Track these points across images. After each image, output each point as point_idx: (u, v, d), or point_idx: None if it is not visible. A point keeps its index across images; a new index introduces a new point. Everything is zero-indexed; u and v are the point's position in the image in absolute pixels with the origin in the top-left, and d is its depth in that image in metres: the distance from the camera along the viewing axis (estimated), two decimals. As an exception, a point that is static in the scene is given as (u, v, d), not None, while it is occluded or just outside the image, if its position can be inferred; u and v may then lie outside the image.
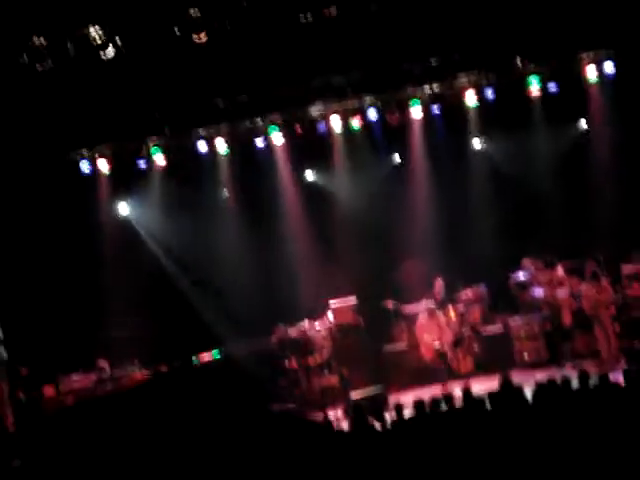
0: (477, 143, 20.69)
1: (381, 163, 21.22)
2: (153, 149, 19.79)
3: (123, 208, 20.79)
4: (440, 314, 19.01)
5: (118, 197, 20.65)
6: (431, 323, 18.92)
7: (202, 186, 20.79)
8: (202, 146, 19.84)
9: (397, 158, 21.32)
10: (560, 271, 18.89)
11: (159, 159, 19.92)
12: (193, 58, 18.05)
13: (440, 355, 18.75)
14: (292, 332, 19.41)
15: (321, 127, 19.75)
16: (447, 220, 20.79)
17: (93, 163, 19.67)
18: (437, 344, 18.75)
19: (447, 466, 9.26)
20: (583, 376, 12.62)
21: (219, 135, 19.85)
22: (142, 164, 19.92)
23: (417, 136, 20.57)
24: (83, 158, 19.60)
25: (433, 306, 19.09)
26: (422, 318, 19.05)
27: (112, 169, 19.79)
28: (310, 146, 20.23)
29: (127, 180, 20.22)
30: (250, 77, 18.69)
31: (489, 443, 9.61)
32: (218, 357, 18.69)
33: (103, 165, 19.72)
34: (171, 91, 18.76)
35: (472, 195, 21.03)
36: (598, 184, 19.87)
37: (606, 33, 18.26)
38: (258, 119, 19.79)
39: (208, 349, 18.96)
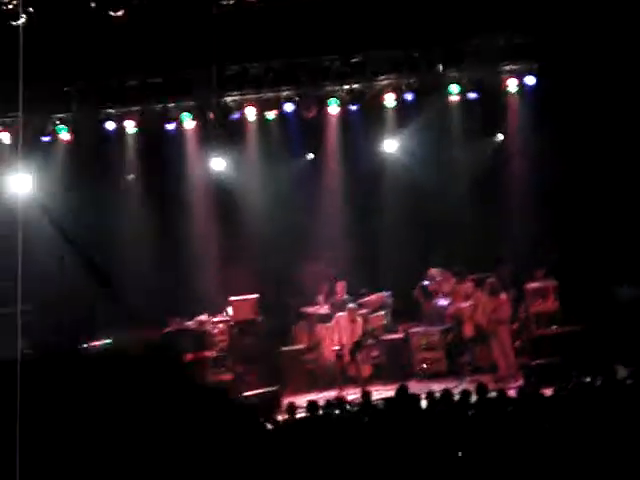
0: (392, 146, 20.41)
1: (294, 158, 20.88)
2: (59, 125, 19.29)
3: (24, 181, 20.16)
4: (342, 318, 18.77)
5: (20, 170, 20.00)
6: (334, 326, 18.70)
7: (107, 167, 20.25)
8: (110, 125, 19.34)
9: (310, 155, 21.02)
10: (469, 283, 18.77)
11: (64, 135, 19.41)
12: (108, 35, 17.68)
13: (339, 359, 18.52)
14: (189, 325, 19.02)
15: (235, 116, 19.41)
16: (356, 223, 20.57)
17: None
18: (337, 348, 18.53)
19: (335, 468, 9.15)
20: (481, 389, 12.50)
21: (128, 115, 19.36)
22: (47, 138, 19.44)
23: (333, 134, 20.31)
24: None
25: (337, 309, 18.89)
26: (328, 321, 18.82)
27: (15, 141, 19.17)
28: (221, 135, 19.81)
29: (30, 153, 19.59)
30: (165, 60, 18.33)
31: (380, 448, 9.47)
32: (108, 345, 18.12)
33: (5, 137, 19.25)
34: (82, 67, 18.29)
35: (384, 200, 20.83)
36: (512, 196, 19.82)
37: (530, 45, 18.26)
38: (171, 103, 19.33)
39: (98, 337, 18.40)
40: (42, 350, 14.84)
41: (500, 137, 20.38)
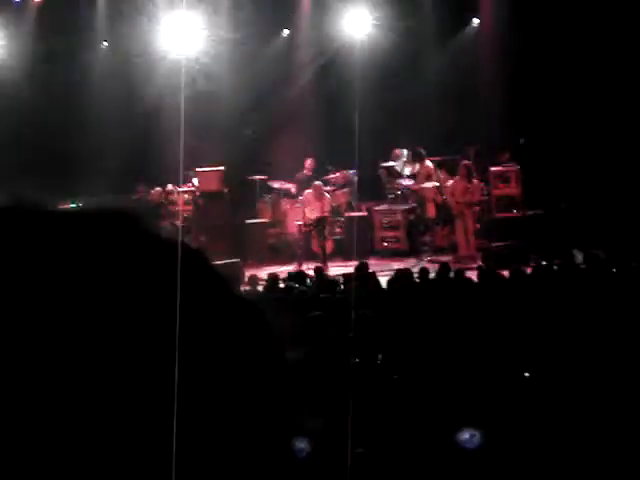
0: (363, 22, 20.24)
1: (261, 32, 20.56)
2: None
3: None
4: (308, 194, 18.86)
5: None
6: (300, 201, 18.81)
7: (78, 29, 19.96)
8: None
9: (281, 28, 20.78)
10: (429, 164, 18.90)
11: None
12: None
13: (302, 234, 18.67)
14: (154, 194, 19.03)
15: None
16: (325, 101, 20.51)
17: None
18: (301, 223, 18.65)
19: (289, 342, 9.24)
20: (443, 268, 12.75)
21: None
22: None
23: (306, 6, 20.13)
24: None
25: (304, 185, 18.97)
26: (294, 196, 18.97)
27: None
28: None
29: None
30: None
31: (338, 323, 9.58)
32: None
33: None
34: None
35: (355, 80, 20.70)
36: (482, 78, 19.82)
37: None
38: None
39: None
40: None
41: (474, 21, 20.29)
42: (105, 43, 20.45)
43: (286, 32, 20.85)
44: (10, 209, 0.97)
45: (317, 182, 18.75)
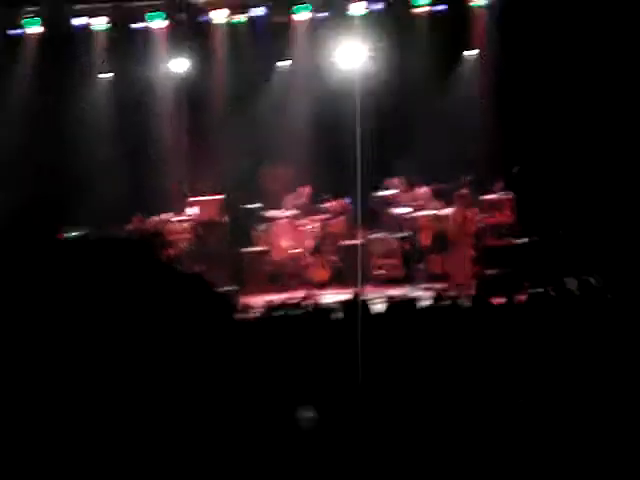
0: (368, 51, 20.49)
1: (261, 63, 20.82)
2: (27, 19, 19.12)
3: None
4: (302, 221, 19.01)
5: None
6: (290, 228, 18.92)
7: (75, 62, 20.11)
8: (79, 21, 19.23)
9: (279, 60, 20.99)
10: (425, 192, 19.06)
11: (33, 29, 19.26)
12: None
13: (297, 262, 18.78)
14: (151, 223, 19.14)
15: (204, 17, 19.35)
16: (322, 131, 20.67)
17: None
18: (294, 250, 18.77)
19: (283, 367, 9.31)
20: (437, 296, 12.87)
21: (98, 12, 19.21)
22: (15, 32, 19.28)
23: (302, 40, 20.31)
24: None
25: (294, 212, 19.09)
26: (281, 222, 19.06)
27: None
28: (190, 35, 19.79)
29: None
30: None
31: (332, 349, 9.68)
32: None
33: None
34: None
35: (350, 112, 20.90)
36: (475, 109, 20.01)
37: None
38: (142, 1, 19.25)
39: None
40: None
41: (469, 53, 20.45)
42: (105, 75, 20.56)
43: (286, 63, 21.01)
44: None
45: (310, 209, 18.87)
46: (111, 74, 20.60)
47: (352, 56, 20.27)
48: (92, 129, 20.35)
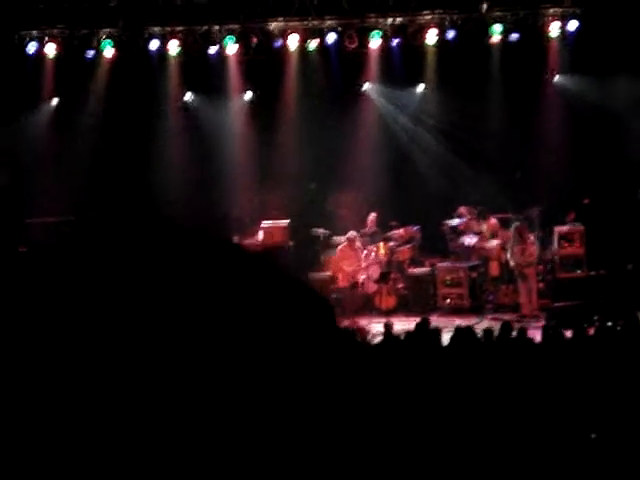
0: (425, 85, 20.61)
1: (334, 89, 20.88)
2: (104, 41, 19.33)
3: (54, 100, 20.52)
4: (370, 248, 18.96)
5: (62, 83, 20.18)
6: (352, 254, 18.89)
7: (149, 86, 20.33)
8: (154, 44, 19.40)
9: (358, 86, 21.03)
10: (494, 223, 18.96)
11: (108, 51, 19.48)
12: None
13: (365, 289, 18.73)
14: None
15: (277, 43, 19.45)
16: (393, 157, 20.68)
17: (41, 45, 19.25)
18: (358, 277, 18.73)
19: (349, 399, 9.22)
20: (505, 327, 12.73)
21: (173, 35, 19.42)
22: (90, 54, 19.50)
23: (373, 66, 20.39)
24: (32, 39, 19.18)
25: (357, 237, 19.07)
26: (348, 249, 19.05)
27: (59, 54, 19.39)
28: (263, 62, 19.95)
29: (74, 67, 19.72)
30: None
31: (400, 380, 9.60)
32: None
33: (50, 49, 19.30)
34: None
35: (419, 136, 20.96)
36: (550, 142, 19.91)
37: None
38: (215, 26, 19.37)
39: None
40: None
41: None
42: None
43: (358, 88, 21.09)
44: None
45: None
46: (186, 98, 20.86)
47: (424, 83, 20.38)
48: (168, 151, 20.58)
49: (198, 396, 1.01)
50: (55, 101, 20.64)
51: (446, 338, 12.49)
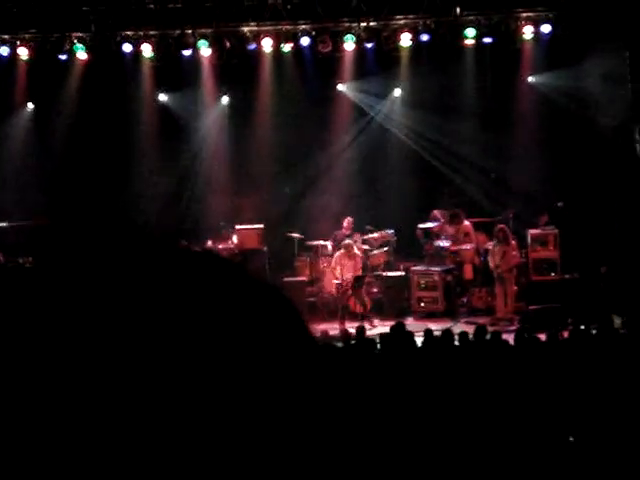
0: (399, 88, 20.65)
1: (309, 91, 20.86)
2: (76, 45, 19.26)
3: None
4: (345, 252, 18.93)
5: (33, 85, 20.15)
6: (336, 260, 18.87)
7: (123, 88, 20.28)
8: (127, 47, 19.33)
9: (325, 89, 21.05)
10: (468, 225, 18.98)
11: (81, 55, 19.41)
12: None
13: (340, 292, 18.69)
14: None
15: (251, 47, 19.43)
16: (368, 160, 20.71)
17: (13, 49, 19.20)
18: (338, 281, 18.68)
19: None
20: (480, 330, 12.73)
21: (145, 39, 19.35)
22: (62, 57, 19.43)
23: (348, 69, 20.41)
24: (4, 43, 19.13)
25: (335, 242, 19.07)
26: (323, 253, 19.03)
27: (31, 57, 19.35)
28: (237, 65, 19.91)
29: (45, 70, 19.67)
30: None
31: (374, 383, 9.59)
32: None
33: (23, 52, 19.28)
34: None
35: (393, 139, 21.01)
36: (520, 143, 19.99)
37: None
38: (188, 30, 19.32)
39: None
40: None
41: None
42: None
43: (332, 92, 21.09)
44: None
45: (347, 241, 18.79)
46: (161, 98, 20.85)
47: (397, 87, 20.41)
48: (141, 154, 20.55)
49: (166, 405, 0.99)
50: (30, 105, 20.64)
51: (420, 342, 12.51)
